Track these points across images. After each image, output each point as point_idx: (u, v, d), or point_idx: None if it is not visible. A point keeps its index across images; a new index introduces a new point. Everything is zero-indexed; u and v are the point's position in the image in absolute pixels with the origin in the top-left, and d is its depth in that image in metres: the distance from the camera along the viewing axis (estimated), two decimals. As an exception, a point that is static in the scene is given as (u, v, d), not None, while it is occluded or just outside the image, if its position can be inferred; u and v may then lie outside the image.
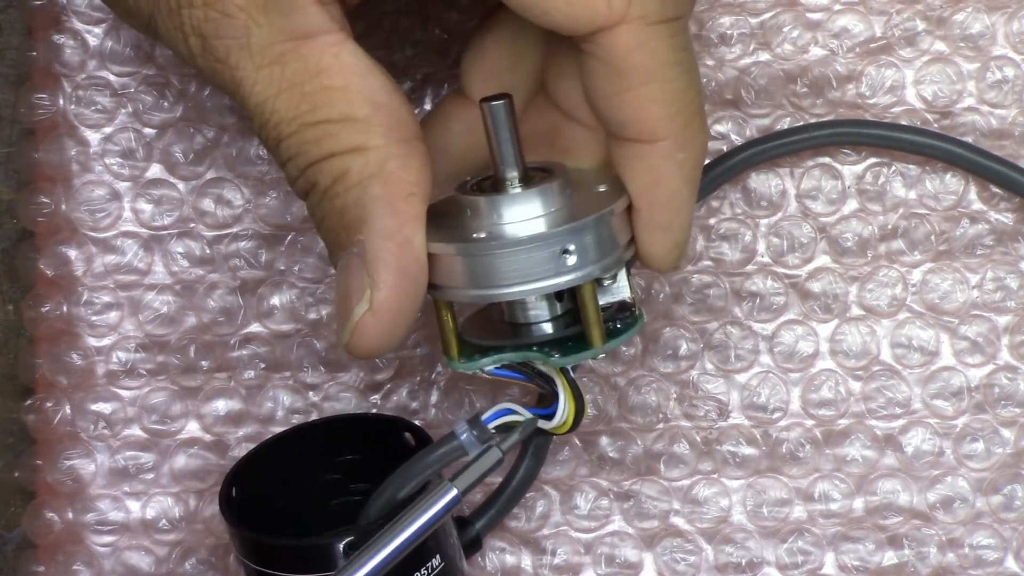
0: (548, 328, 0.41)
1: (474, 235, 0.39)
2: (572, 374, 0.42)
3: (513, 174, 0.40)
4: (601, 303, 0.41)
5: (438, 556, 0.43)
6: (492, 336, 0.42)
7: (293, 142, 0.39)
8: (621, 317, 0.42)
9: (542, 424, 0.41)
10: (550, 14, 0.39)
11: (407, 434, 0.47)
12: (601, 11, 0.38)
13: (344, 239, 0.39)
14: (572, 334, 0.41)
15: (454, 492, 0.40)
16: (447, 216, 0.41)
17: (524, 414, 0.41)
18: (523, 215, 0.40)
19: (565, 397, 0.41)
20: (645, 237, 0.42)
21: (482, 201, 0.40)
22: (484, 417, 0.40)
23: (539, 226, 0.39)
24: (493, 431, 0.40)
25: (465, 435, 0.40)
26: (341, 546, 0.42)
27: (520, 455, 0.51)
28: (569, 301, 0.41)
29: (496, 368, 0.41)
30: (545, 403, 0.42)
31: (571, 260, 0.39)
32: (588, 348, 0.40)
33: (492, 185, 0.41)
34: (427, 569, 0.43)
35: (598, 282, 0.41)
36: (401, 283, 0.39)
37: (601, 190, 0.41)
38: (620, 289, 0.42)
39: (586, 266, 0.39)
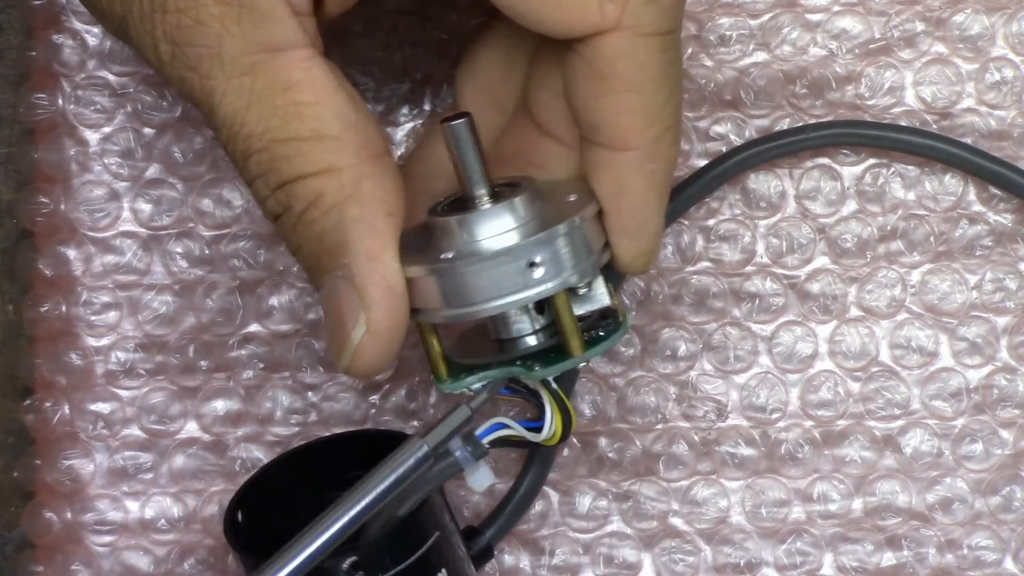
0: (531, 341, 0.42)
1: (445, 255, 0.39)
2: (555, 386, 0.42)
3: (481, 191, 0.40)
4: (581, 311, 0.41)
5: (444, 571, 0.44)
6: (478, 355, 0.42)
7: (264, 158, 0.38)
8: (603, 324, 0.42)
9: (533, 437, 0.42)
10: (543, 20, 0.39)
11: None
12: (593, 17, 0.38)
13: (327, 263, 0.39)
14: (553, 345, 0.41)
15: (424, 447, 0.41)
16: (422, 240, 0.41)
17: (516, 428, 0.42)
18: (493, 231, 0.40)
19: (551, 410, 0.42)
20: (614, 241, 0.42)
21: (452, 221, 0.40)
22: (478, 432, 0.41)
23: (510, 240, 0.39)
24: (487, 446, 0.41)
25: (460, 452, 0.41)
26: (344, 566, 0.42)
27: (526, 463, 0.51)
28: (550, 313, 0.41)
29: (482, 386, 0.41)
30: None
31: (540, 272, 0.39)
32: (567, 358, 0.40)
33: (462, 204, 0.41)
34: None
35: (573, 291, 0.41)
36: (393, 302, 0.39)
37: (571, 200, 0.41)
38: (599, 296, 0.42)
39: (556, 276, 0.39)
